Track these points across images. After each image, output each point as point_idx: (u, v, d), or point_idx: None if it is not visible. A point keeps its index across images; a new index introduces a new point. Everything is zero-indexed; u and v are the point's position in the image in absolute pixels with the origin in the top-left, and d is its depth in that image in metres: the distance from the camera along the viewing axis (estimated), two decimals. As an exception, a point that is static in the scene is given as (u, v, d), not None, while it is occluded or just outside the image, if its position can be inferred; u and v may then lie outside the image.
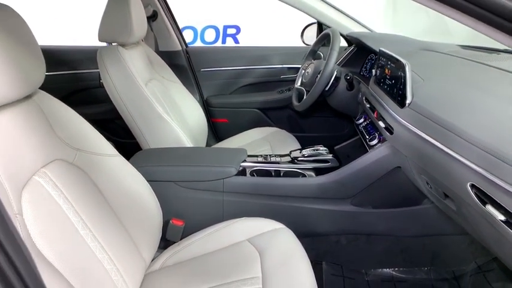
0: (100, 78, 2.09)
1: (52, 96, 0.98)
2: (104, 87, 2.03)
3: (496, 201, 0.65)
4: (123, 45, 1.48)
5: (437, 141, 0.82)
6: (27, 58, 0.82)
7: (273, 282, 0.95)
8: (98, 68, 2.04)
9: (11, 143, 0.80)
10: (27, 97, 0.89)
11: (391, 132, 1.07)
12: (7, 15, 0.79)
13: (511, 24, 0.42)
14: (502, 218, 0.64)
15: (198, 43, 4.32)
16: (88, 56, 2.06)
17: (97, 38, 1.47)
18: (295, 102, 1.68)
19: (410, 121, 0.95)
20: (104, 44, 1.52)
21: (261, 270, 1.00)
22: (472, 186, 0.72)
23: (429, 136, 0.85)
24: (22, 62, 0.81)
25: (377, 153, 1.19)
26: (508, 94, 0.83)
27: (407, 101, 0.99)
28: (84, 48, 2.15)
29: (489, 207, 0.67)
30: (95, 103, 2.05)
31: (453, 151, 0.77)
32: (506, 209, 0.62)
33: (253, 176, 1.33)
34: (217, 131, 2.19)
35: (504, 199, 0.63)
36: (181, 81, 1.85)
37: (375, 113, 1.23)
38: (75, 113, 1.02)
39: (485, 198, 0.68)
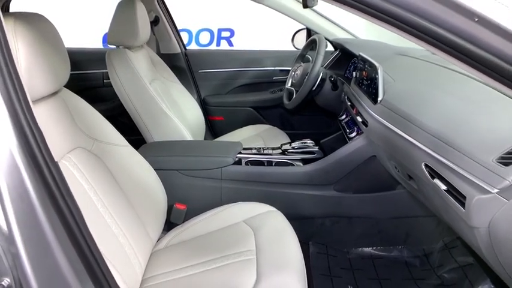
0: (103, 78, 2.23)
1: (73, 93, 1.13)
2: (106, 86, 2.18)
3: (441, 175, 0.82)
4: (129, 48, 1.62)
5: (400, 130, 1.00)
6: (56, 59, 0.96)
7: (265, 253, 1.09)
8: (100, 69, 2.20)
9: (44, 132, 0.94)
10: (55, 93, 1.03)
11: (366, 125, 1.25)
12: (41, 23, 0.92)
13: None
14: (444, 187, 0.81)
15: (193, 45, 4.44)
16: (91, 57, 2.20)
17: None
18: (285, 101, 1.84)
19: (380, 115, 1.12)
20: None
21: (255, 245, 1.13)
22: (426, 165, 0.89)
23: (395, 126, 1.03)
24: (53, 63, 0.94)
25: (355, 144, 1.37)
26: (460, 92, 1.00)
27: (379, 99, 1.16)
28: (88, 50, 2.28)
29: (436, 180, 0.84)
30: (98, 101, 2.18)
31: (412, 138, 0.94)
32: (447, 181, 0.80)
33: (248, 165, 1.49)
34: (213, 128, 2.34)
35: (446, 173, 0.80)
36: (181, 82, 2.00)
37: (355, 110, 1.40)
38: (93, 108, 1.16)
39: (434, 174, 0.86)
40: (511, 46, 0.53)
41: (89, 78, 2.22)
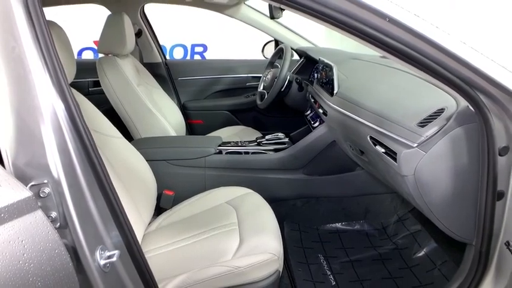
0: (88, 87, 2.38)
1: (76, 91, 1.30)
2: (91, 94, 2.33)
3: (380, 142, 1.07)
4: (117, 55, 1.80)
5: (351, 113, 1.25)
6: (67, 59, 1.14)
7: (246, 223, 1.27)
8: (86, 78, 2.35)
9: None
10: None
11: (326, 115, 1.49)
12: (56, 29, 1.09)
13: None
14: (383, 150, 1.06)
15: (167, 60, 4.61)
16: (77, 68, 2.34)
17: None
18: (258, 102, 2.07)
19: (336, 104, 1.38)
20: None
21: (236, 218, 1.31)
22: (370, 137, 1.14)
23: (347, 111, 1.28)
24: (64, 63, 1.11)
25: (318, 132, 1.61)
26: (394, 82, 1.27)
27: (335, 91, 1.42)
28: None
29: (377, 147, 1.09)
30: None
31: (360, 117, 1.19)
32: (384, 145, 1.04)
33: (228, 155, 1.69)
34: (193, 131, 2.53)
35: (383, 139, 1.05)
36: (162, 88, 2.19)
37: (317, 104, 1.65)
38: (92, 104, 1.34)
39: (376, 142, 1.10)
40: (410, 37, 0.78)
41: (75, 87, 2.35)
